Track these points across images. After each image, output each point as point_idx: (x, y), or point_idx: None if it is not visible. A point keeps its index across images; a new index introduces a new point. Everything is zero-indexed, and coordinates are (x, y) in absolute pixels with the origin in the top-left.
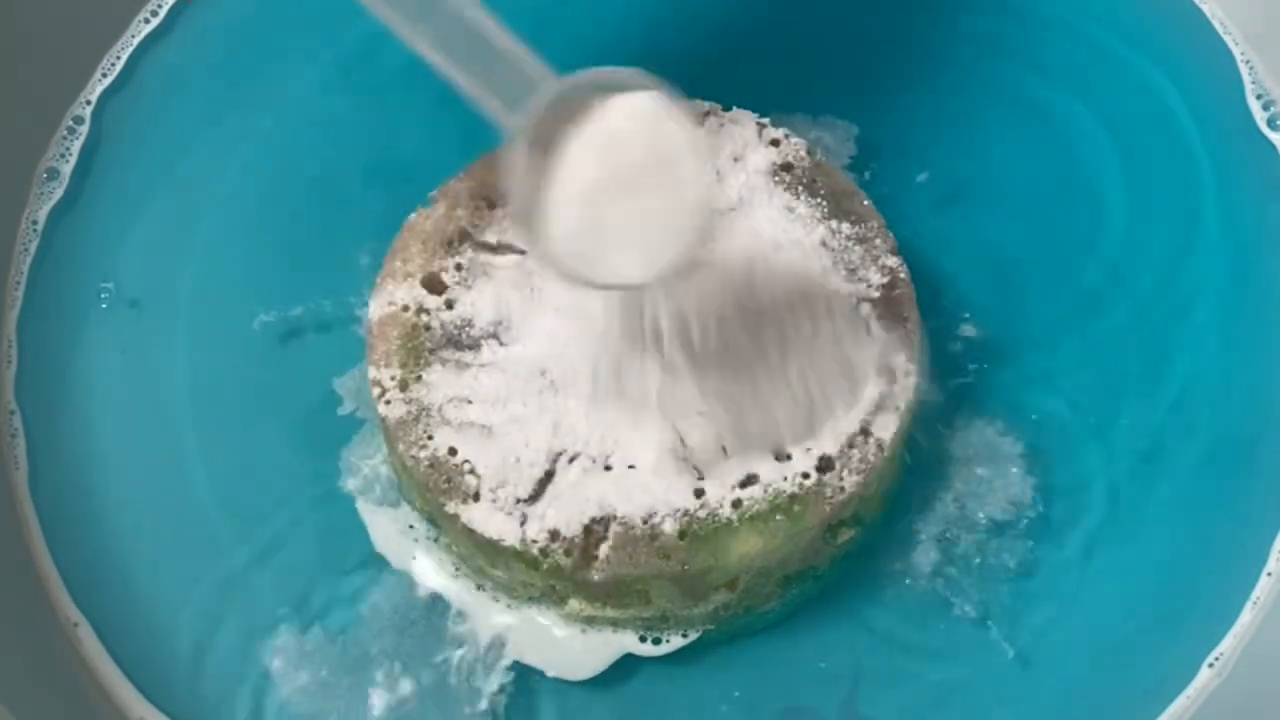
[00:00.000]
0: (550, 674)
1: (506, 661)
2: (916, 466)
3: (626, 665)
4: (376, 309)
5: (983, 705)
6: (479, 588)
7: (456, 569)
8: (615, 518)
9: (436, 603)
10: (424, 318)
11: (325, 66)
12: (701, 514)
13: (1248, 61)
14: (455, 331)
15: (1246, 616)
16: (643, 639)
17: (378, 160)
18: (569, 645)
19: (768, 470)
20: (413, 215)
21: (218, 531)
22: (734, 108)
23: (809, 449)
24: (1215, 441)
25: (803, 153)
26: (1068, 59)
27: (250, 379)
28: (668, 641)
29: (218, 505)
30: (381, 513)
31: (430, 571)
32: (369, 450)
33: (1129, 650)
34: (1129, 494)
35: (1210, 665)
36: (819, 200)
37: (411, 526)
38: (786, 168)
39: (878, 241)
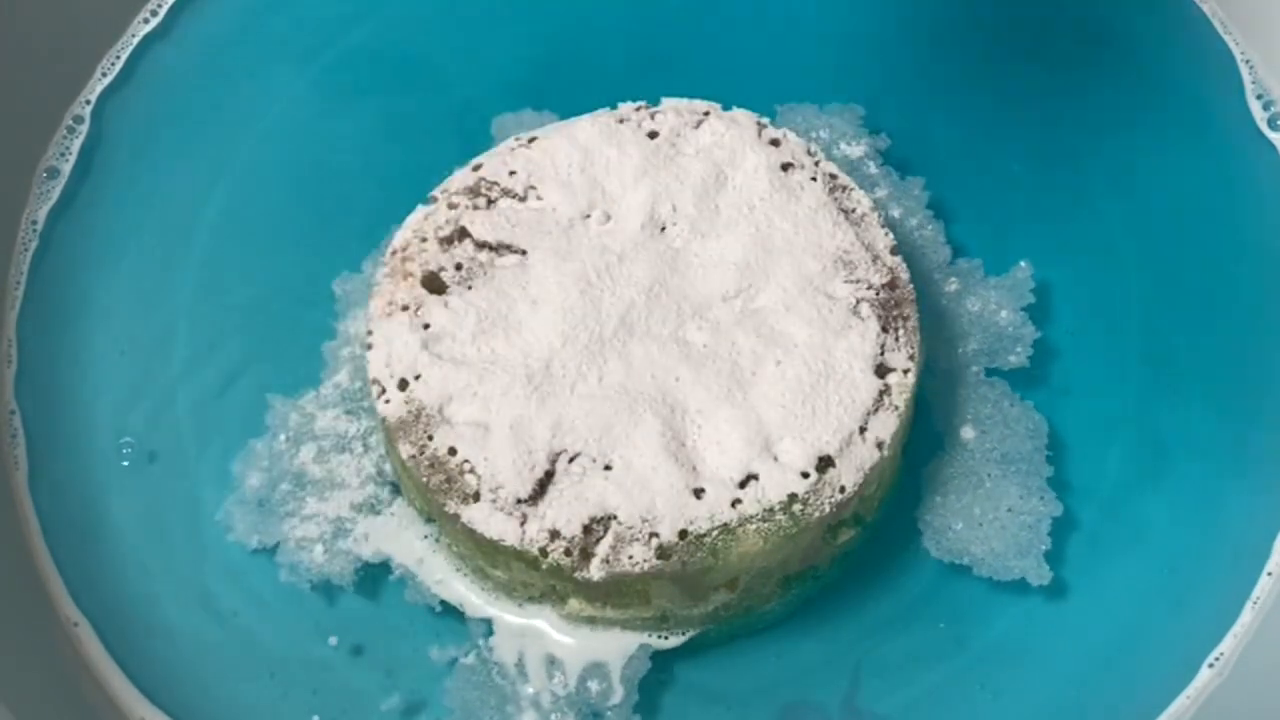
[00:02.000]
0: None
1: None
2: (916, 465)
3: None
4: (377, 308)
5: (982, 703)
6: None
7: (457, 569)
8: (615, 517)
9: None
10: (424, 317)
11: (324, 66)
12: (701, 514)
13: (1248, 61)
14: (455, 330)
15: (1246, 616)
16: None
17: (377, 159)
18: (573, 642)
19: (767, 470)
20: (413, 214)
21: (217, 530)
22: (734, 107)
23: (808, 449)
24: (1215, 442)
25: (803, 152)
26: (1067, 60)
27: (249, 377)
28: (665, 639)
29: (217, 504)
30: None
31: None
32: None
33: (1130, 650)
34: (1129, 496)
35: (1210, 665)
36: (819, 199)
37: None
38: (786, 167)
39: (878, 241)
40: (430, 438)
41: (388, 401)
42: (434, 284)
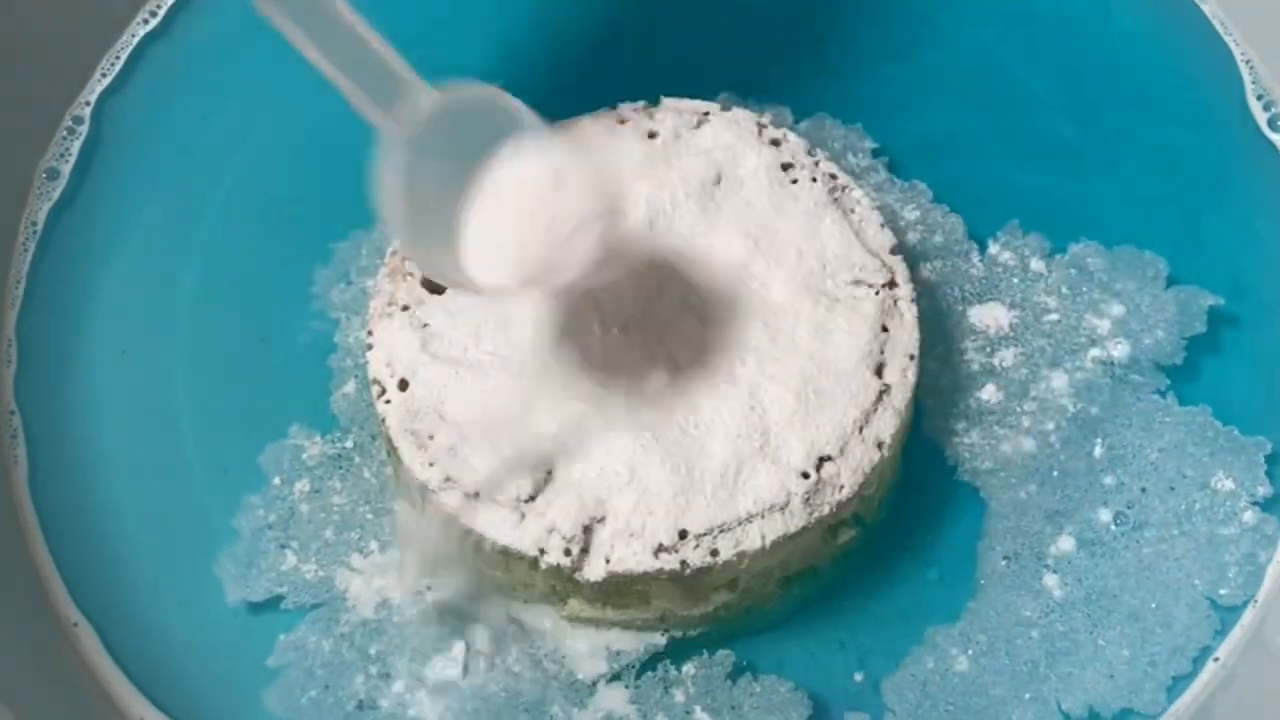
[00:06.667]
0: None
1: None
2: (917, 465)
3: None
4: (377, 308)
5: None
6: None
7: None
8: (614, 516)
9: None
10: (424, 317)
11: None
12: (700, 513)
13: (1248, 61)
14: (455, 331)
15: (1247, 616)
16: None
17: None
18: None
19: (767, 470)
20: None
21: (218, 531)
22: (734, 108)
23: (808, 449)
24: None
25: (803, 152)
26: (1067, 60)
27: (250, 380)
28: (666, 635)
29: (218, 505)
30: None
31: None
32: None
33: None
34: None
35: (1211, 664)
36: (819, 199)
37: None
38: (786, 167)
39: (878, 241)
40: (430, 437)
41: (388, 402)
42: (434, 284)
